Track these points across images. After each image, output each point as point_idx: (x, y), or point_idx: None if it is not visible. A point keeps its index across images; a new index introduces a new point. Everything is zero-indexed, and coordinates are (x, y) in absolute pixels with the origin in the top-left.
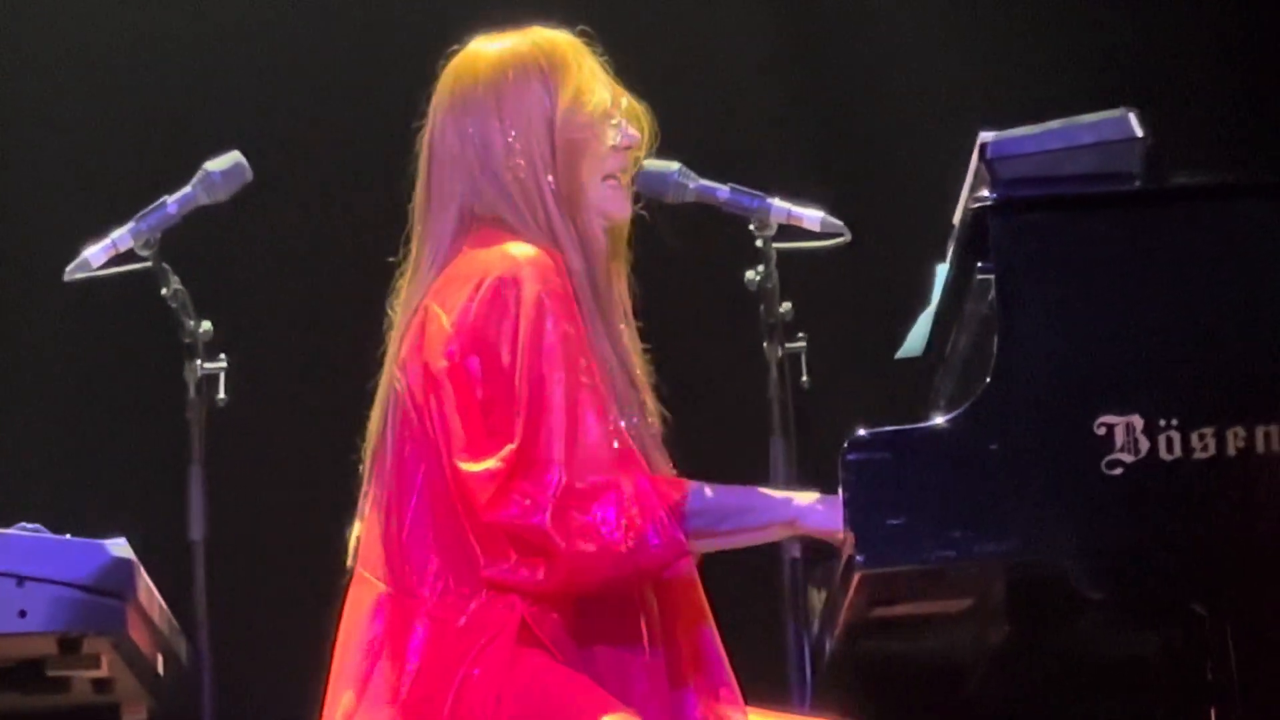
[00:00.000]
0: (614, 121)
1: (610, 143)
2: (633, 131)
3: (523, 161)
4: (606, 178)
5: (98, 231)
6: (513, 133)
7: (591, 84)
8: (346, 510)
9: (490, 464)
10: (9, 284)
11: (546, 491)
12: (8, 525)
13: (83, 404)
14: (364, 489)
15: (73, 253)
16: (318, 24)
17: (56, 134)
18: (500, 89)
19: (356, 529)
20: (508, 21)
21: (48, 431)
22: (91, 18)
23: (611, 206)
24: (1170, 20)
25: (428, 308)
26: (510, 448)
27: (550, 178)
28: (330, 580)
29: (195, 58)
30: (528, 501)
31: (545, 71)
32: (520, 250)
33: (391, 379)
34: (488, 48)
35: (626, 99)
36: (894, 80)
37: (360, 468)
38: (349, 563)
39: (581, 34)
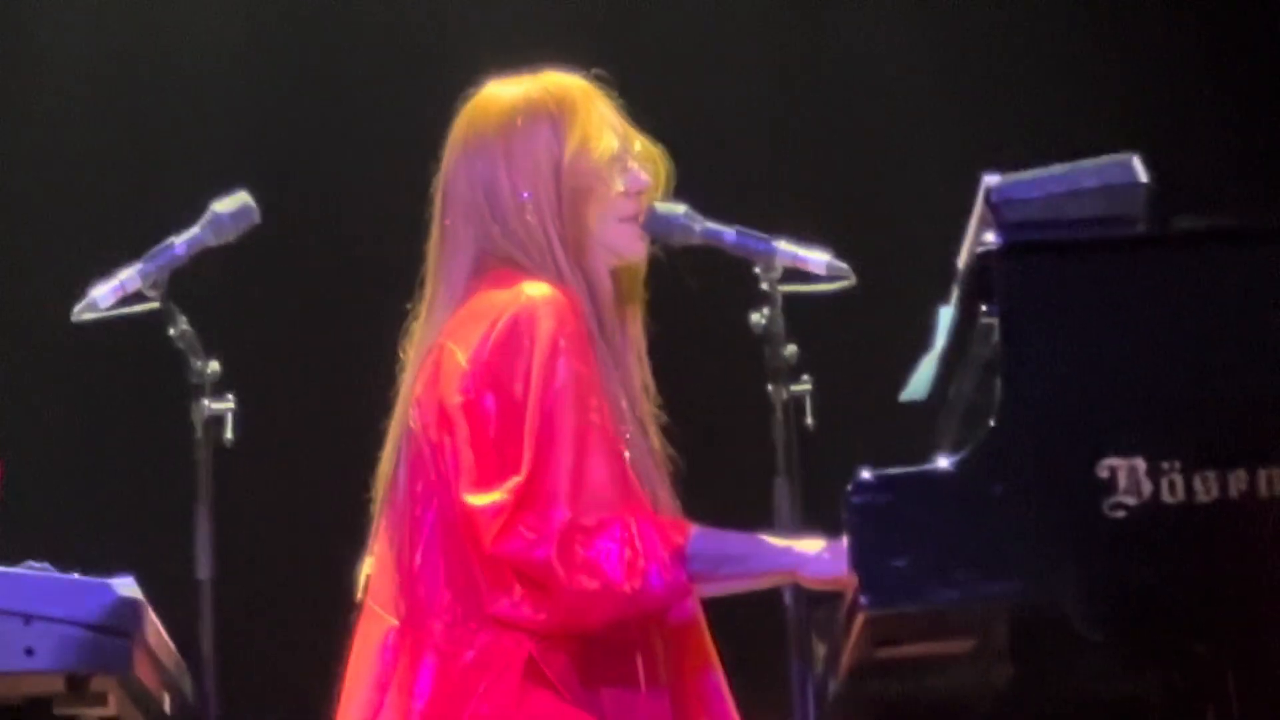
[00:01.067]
0: (624, 166)
1: (619, 188)
2: (644, 176)
3: (530, 207)
4: (623, 220)
5: (105, 271)
6: (520, 178)
7: (599, 129)
8: (354, 548)
9: (496, 496)
10: (18, 323)
11: (551, 526)
12: (15, 564)
13: (90, 443)
14: (375, 525)
15: (80, 292)
16: (333, 62)
17: (63, 173)
18: (510, 134)
19: (367, 564)
20: (524, 63)
21: (55, 471)
22: (103, 63)
23: (627, 247)
24: (1172, 65)
25: (443, 346)
26: (517, 480)
27: (557, 223)
28: (338, 618)
29: (205, 93)
30: (532, 535)
31: (554, 116)
32: (536, 289)
33: (405, 417)
34: (500, 92)
35: (641, 142)
36: (897, 123)
37: (371, 505)
38: (358, 597)
39: (596, 77)
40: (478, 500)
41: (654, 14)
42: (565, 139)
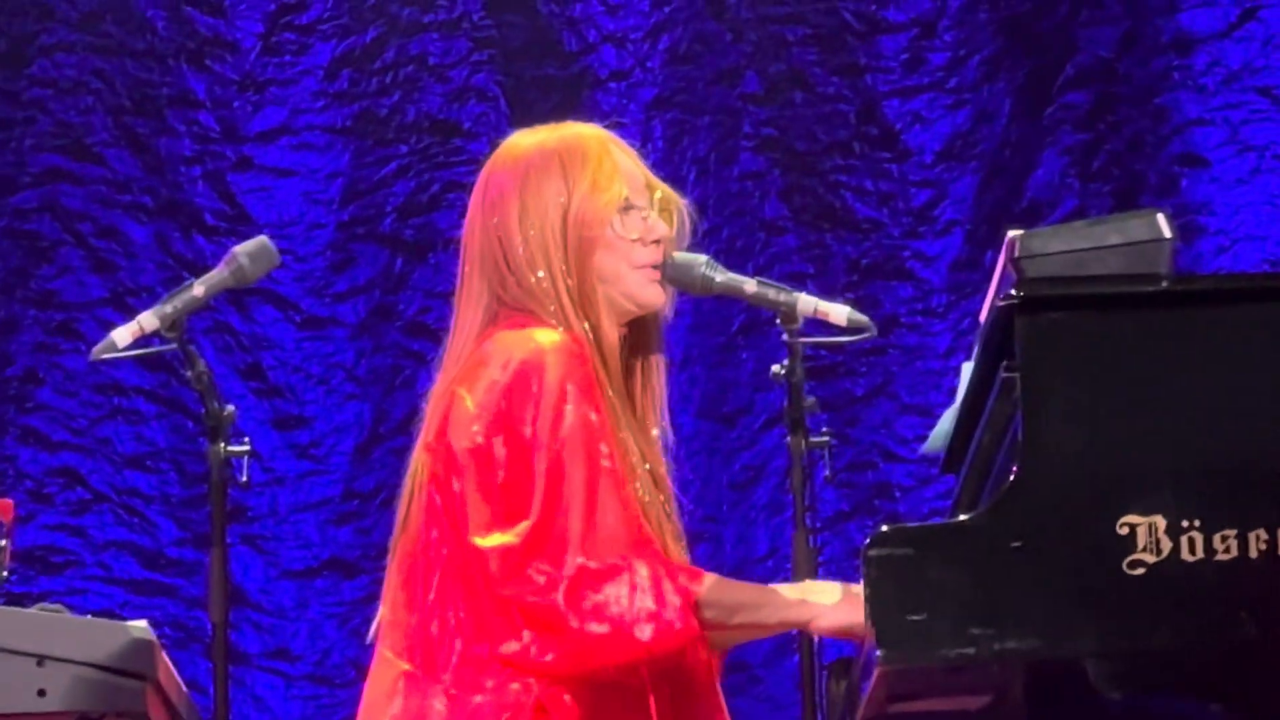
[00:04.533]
0: (638, 214)
1: (631, 235)
2: (660, 224)
3: (539, 257)
4: (637, 268)
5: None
6: (532, 230)
7: (610, 178)
8: (369, 591)
9: (506, 539)
10: (36, 360)
11: (561, 570)
12: (28, 606)
13: (105, 484)
14: (389, 570)
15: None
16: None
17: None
18: (523, 186)
19: (381, 610)
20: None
21: (70, 512)
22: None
23: (643, 296)
24: None
25: (454, 392)
26: (526, 524)
27: (564, 272)
28: (350, 662)
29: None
30: (542, 579)
31: (565, 166)
32: (545, 336)
33: (418, 463)
34: (518, 142)
35: (662, 191)
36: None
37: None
38: (369, 640)
39: (613, 126)
40: (487, 542)
41: None
42: (574, 188)
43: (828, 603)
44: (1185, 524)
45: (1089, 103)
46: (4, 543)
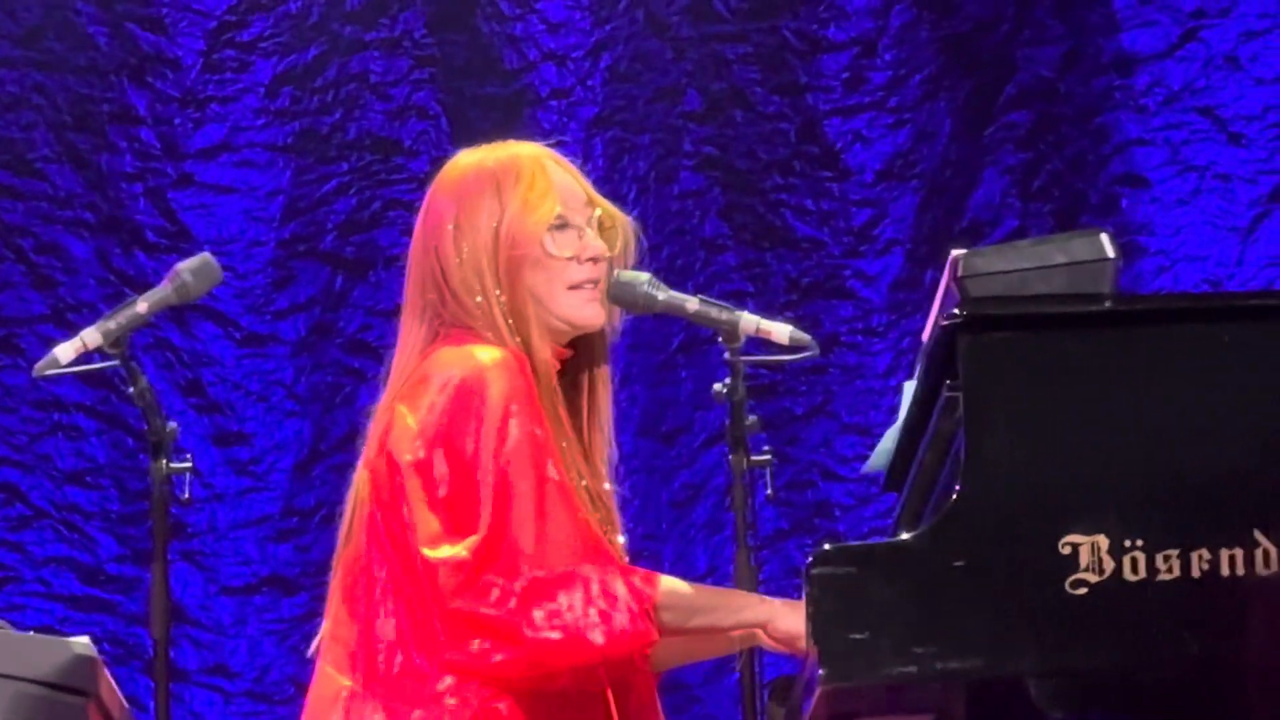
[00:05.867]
0: (572, 232)
1: (564, 254)
2: (596, 243)
3: (473, 276)
4: (572, 287)
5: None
6: (466, 250)
7: (542, 195)
8: (308, 608)
9: (456, 551)
10: None
11: (514, 581)
12: None
13: (45, 500)
14: (331, 586)
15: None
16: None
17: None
18: (459, 206)
19: (323, 626)
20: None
21: (10, 528)
22: None
23: (578, 314)
24: None
25: (394, 408)
26: (476, 538)
27: (498, 290)
28: (289, 679)
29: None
30: (495, 592)
31: (499, 186)
32: (485, 353)
33: (360, 479)
34: (459, 162)
35: (603, 208)
36: None
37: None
38: (310, 655)
39: (554, 145)
40: (437, 554)
41: None
42: (506, 207)
43: (784, 607)
44: (1128, 543)
45: (1030, 122)
46: None
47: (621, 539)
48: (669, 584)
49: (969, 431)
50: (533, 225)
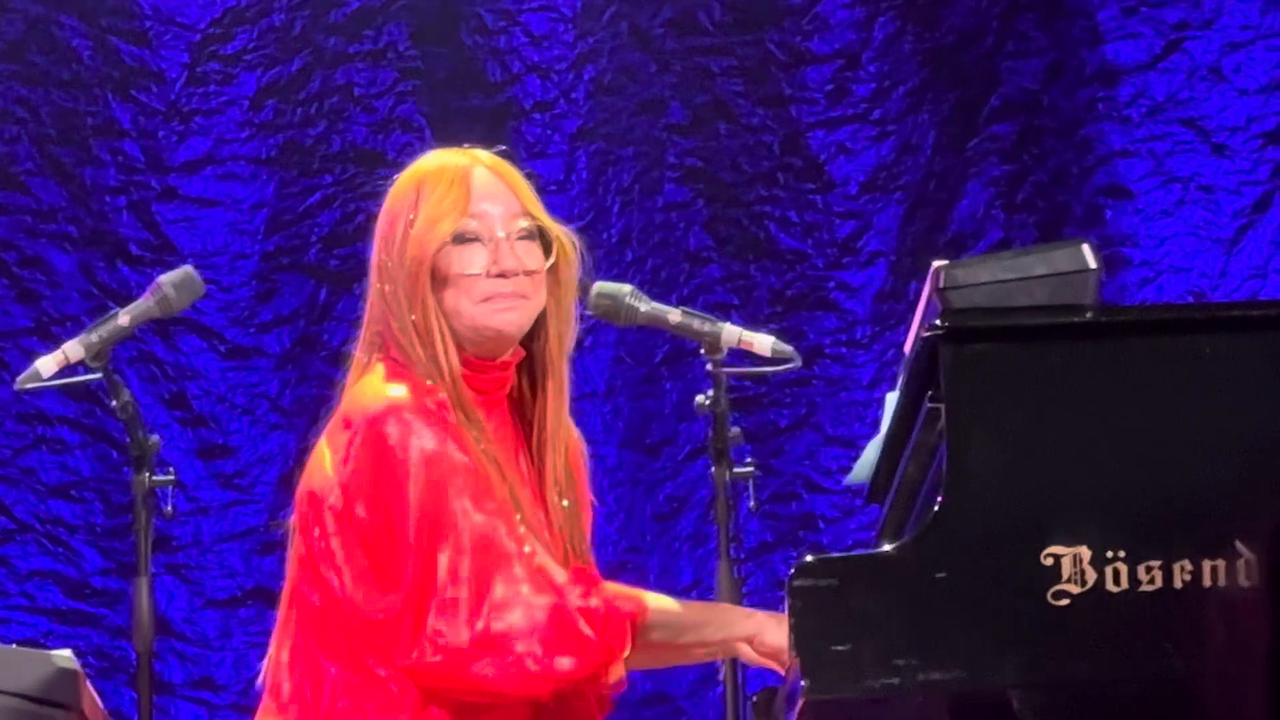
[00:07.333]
0: (478, 246)
1: (469, 270)
2: (511, 254)
3: (388, 290)
4: (480, 302)
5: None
6: (388, 264)
7: (446, 211)
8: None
9: (390, 604)
10: None
11: (456, 632)
12: None
13: (29, 514)
14: (279, 618)
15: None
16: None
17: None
18: (384, 217)
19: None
20: None
21: None
22: None
23: (486, 322)
24: None
25: (320, 445)
26: (399, 596)
27: (410, 307)
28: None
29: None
30: (442, 641)
31: (413, 198)
32: (395, 390)
33: (294, 511)
34: (399, 175)
35: (527, 220)
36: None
37: None
38: (258, 686)
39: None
40: (372, 610)
41: None
42: (415, 221)
43: (771, 620)
44: (1110, 555)
45: (1014, 134)
46: None
47: (587, 552)
48: (656, 602)
49: (951, 443)
50: (431, 241)
